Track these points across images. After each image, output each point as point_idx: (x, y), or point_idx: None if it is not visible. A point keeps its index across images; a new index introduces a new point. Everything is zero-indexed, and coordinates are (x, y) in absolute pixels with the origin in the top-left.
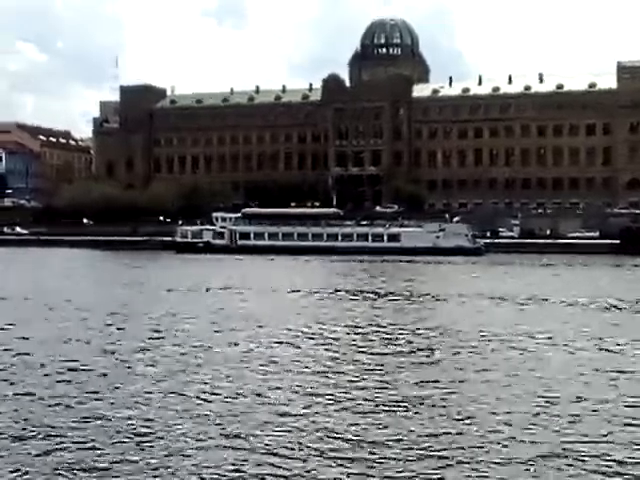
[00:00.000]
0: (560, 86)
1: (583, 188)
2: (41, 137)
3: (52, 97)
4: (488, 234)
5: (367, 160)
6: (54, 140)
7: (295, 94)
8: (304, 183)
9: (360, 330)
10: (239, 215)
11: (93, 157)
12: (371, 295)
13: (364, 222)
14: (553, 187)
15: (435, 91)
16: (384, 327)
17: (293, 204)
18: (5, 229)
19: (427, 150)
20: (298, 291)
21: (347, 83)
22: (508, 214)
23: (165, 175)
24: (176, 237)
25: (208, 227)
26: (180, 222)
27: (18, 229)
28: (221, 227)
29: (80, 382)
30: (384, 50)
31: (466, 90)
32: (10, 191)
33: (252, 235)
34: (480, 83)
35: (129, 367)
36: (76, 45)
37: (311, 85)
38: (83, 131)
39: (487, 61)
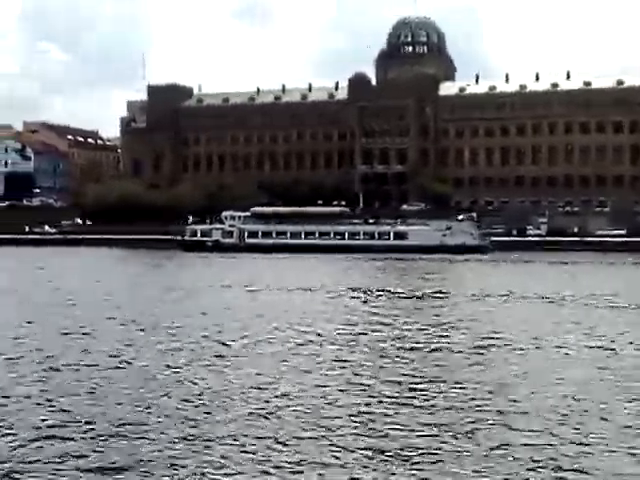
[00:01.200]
0: (588, 83)
1: (611, 186)
2: (69, 137)
3: (79, 97)
4: (515, 232)
5: (393, 158)
6: (82, 140)
7: (321, 92)
8: (330, 182)
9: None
10: (248, 214)
11: (120, 156)
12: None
13: (371, 220)
14: (580, 185)
15: (462, 89)
16: (440, 325)
17: (320, 202)
18: (35, 229)
19: (454, 148)
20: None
21: (373, 81)
22: (535, 212)
23: (192, 174)
24: (185, 236)
25: (217, 226)
26: (190, 220)
27: (47, 228)
28: (230, 226)
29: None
30: (410, 48)
31: (493, 88)
32: (38, 190)
33: (260, 234)
34: (507, 81)
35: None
36: (102, 45)
37: (337, 83)
38: (110, 131)
39: (514, 60)
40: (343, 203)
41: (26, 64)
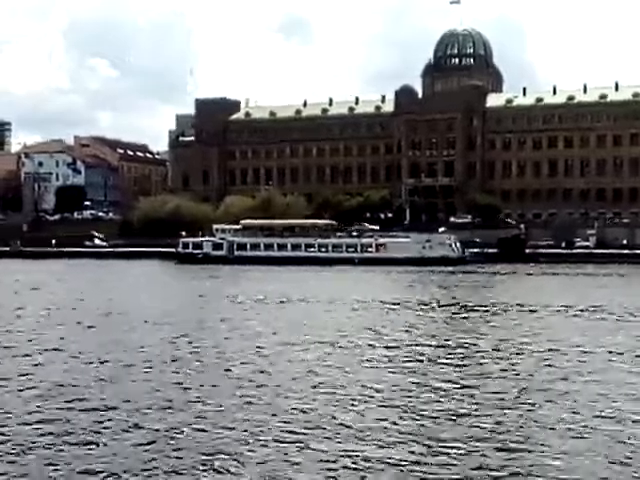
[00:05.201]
0: (636, 94)
1: None
2: (119, 150)
3: (127, 112)
4: (563, 244)
5: (440, 171)
6: (131, 153)
7: (368, 106)
8: (377, 195)
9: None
10: (239, 227)
11: (169, 170)
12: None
13: (354, 233)
14: (629, 197)
15: (509, 101)
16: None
17: (367, 215)
18: (86, 242)
19: (501, 160)
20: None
21: (420, 94)
22: (584, 224)
23: (239, 187)
24: (178, 248)
25: (207, 238)
26: (183, 233)
27: (97, 241)
28: (220, 238)
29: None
30: (457, 60)
31: (540, 100)
32: (89, 203)
33: (248, 246)
34: (555, 93)
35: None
36: (149, 60)
37: (384, 97)
38: (158, 145)
39: (561, 71)
40: (390, 216)
41: (75, 79)
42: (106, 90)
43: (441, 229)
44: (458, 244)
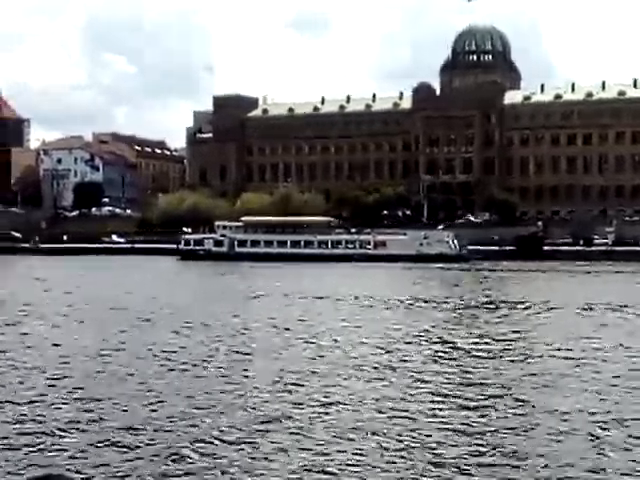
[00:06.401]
0: None
1: None
2: (137, 147)
3: (144, 109)
4: (581, 242)
5: (458, 168)
6: (149, 150)
7: (386, 102)
8: (395, 192)
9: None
10: (240, 224)
11: (187, 166)
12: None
13: (353, 230)
14: None
15: (527, 97)
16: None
17: (385, 212)
18: (104, 238)
19: (519, 157)
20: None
21: (438, 91)
22: (602, 222)
23: (257, 184)
24: (180, 245)
25: (209, 235)
26: (185, 229)
27: (114, 237)
28: (221, 235)
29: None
30: (475, 57)
31: (558, 96)
32: (107, 200)
33: (249, 243)
34: (573, 89)
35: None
36: (166, 56)
37: (401, 93)
38: (175, 141)
39: (578, 69)
40: (407, 213)
41: (92, 76)
42: (123, 87)
43: (440, 226)
44: (456, 241)
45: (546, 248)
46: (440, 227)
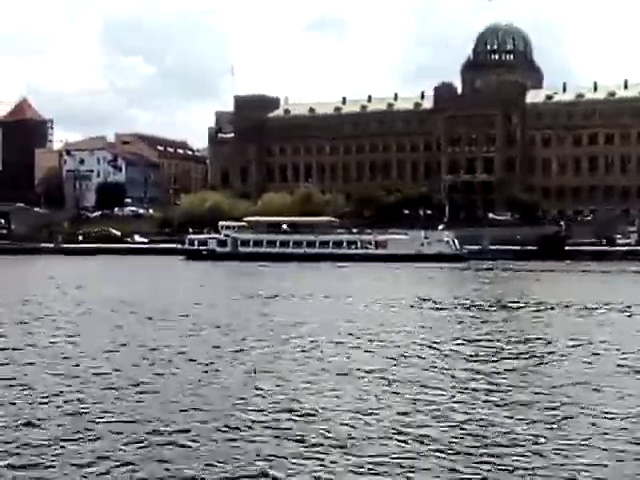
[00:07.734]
0: None
1: None
2: (159, 147)
3: (164, 110)
4: (604, 242)
5: (479, 167)
6: (171, 150)
7: (407, 102)
8: (417, 191)
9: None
10: (243, 224)
11: (208, 167)
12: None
13: (355, 230)
14: None
15: (549, 97)
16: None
17: (406, 212)
18: (127, 238)
19: (540, 157)
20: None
21: (459, 90)
22: (625, 221)
23: (278, 184)
24: (185, 244)
25: (213, 235)
26: (190, 230)
27: (137, 237)
28: (225, 235)
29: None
30: (497, 56)
31: (580, 96)
32: (129, 200)
33: (252, 242)
34: (595, 89)
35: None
36: (185, 57)
37: (423, 93)
38: (196, 141)
39: (601, 68)
40: (429, 212)
41: (112, 78)
42: (143, 88)
43: (440, 226)
44: (456, 241)
45: (568, 248)
46: (440, 227)
